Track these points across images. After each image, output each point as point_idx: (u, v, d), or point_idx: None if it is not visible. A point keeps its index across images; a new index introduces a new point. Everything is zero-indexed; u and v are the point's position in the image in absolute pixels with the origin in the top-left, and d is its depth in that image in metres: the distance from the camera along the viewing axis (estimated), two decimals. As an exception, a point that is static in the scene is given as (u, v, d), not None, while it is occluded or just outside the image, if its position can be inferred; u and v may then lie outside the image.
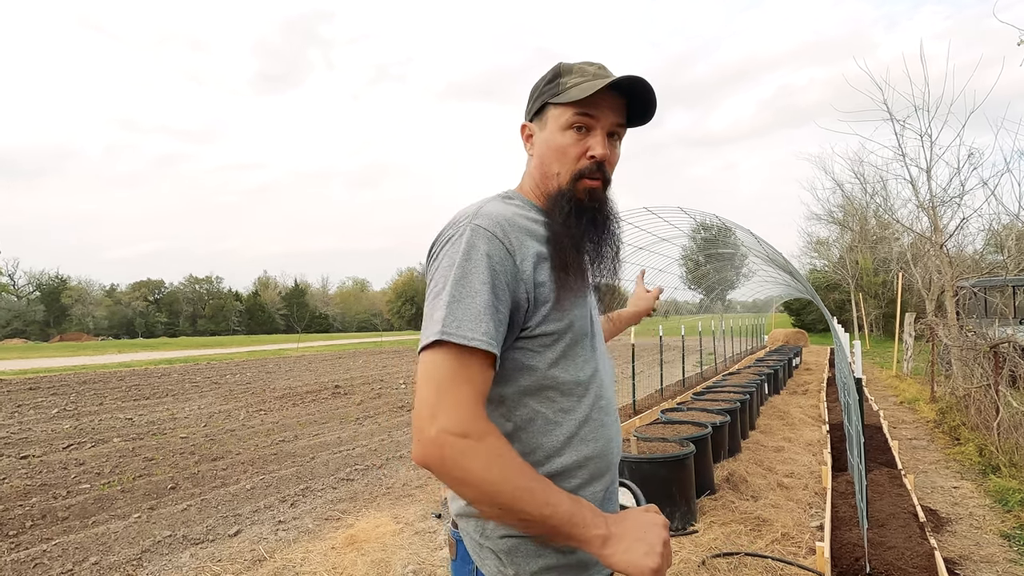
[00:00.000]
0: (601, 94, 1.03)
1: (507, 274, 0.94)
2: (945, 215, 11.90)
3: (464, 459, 0.84)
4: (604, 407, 1.08)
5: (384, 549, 3.59)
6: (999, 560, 3.38)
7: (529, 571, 1.01)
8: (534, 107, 1.11)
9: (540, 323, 0.98)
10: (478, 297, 0.91)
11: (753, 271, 17.63)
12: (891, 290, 24.85)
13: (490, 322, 0.90)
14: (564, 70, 1.08)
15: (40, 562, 3.59)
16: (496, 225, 0.97)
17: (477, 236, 0.95)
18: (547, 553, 1.00)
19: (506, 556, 1.02)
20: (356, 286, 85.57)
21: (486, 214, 0.98)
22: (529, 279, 0.97)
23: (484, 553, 1.03)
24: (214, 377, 13.90)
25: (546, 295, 0.98)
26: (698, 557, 3.34)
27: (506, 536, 1.01)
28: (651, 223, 8.68)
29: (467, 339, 0.88)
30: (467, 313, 0.90)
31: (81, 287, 65.97)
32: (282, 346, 29.41)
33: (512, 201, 1.09)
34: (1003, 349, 6.05)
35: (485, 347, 0.89)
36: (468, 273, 0.92)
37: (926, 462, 5.55)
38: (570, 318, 1.01)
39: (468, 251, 0.94)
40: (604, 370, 1.11)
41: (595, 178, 1.06)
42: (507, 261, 0.95)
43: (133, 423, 8.07)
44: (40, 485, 5.17)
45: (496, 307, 0.92)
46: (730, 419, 5.35)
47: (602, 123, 1.05)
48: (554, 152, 1.06)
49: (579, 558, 1.02)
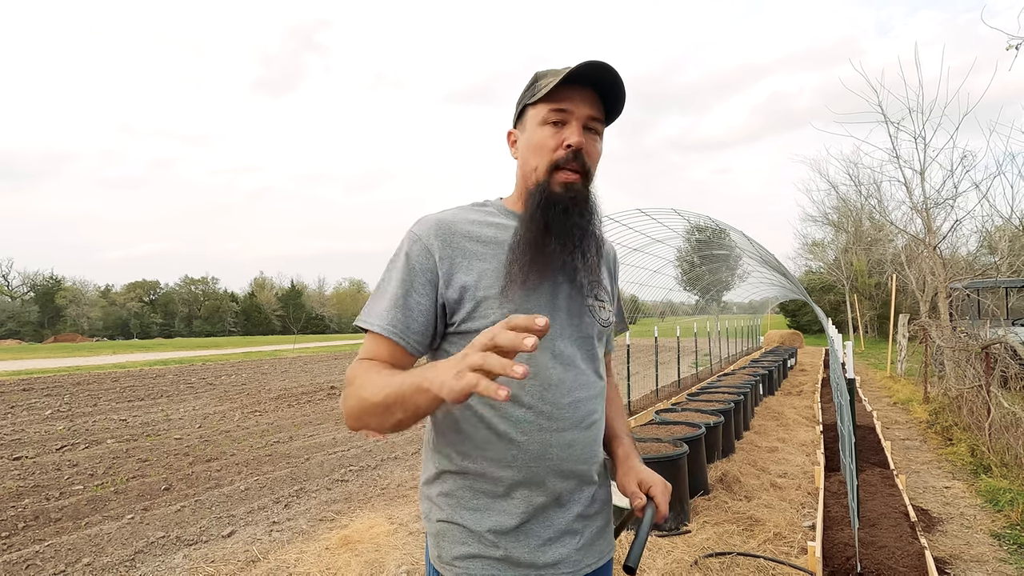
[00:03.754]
0: (572, 88, 1.05)
1: (426, 272, 1.05)
2: (939, 217, 11.98)
3: (342, 402, 0.99)
4: (546, 412, 1.04)
5: (378, 550, 3.60)
6: (989, 559, 3.41)
7: (451, 555, 1.06)
8: (516, 113, 1.16)
9: (464, 320, 1.05)
10: (388, 292, 1.05)
11: (748, 273, 17.72)
12: (885, 291, 24.97)
13: (394, 312, 1.03)
14: (540, 75, 1.12)
15: (33, 563, 3.58)
16: (425, 229, 1.07)
17: (405, 240, 1.08)
18: (470, 542, 1.05)
19: (435, 539, 1.09)
20: (352, 287, 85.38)
21: (424, 220, 1.10)
22: (447, 277, 1.04)
23: (428, 535, 1.11)
24: (209, 378, 13.86)
25: (471, 293, 1.04)
26: (691, 557, 3.35)
27: (439, 520, 1.08)
28: (645, 224, 8.71)
29: (370, 324, 1.04)
30: (378, 305, 1.05)
31: (76, 288, 65.61)
32: (278, 347, 29.32)
33: (481, 208, 1.15)
34: (994, 350, 6.09)
35: (380, 331, 1.02)
36: (389, 271, 1.08)
37: (918, 462, 5.58)
38: (497, 316, 1.02)
39: (396, 253, 1.09)
40: (554, 372, 1.06)
41: (572, 169, 1.07)
42: (426, 260, 1.05)
43: (127, 424, 8.04)
44: (33, 486, 5.15)
45: (406, 300, 1.03)
46: (724, 420, 5.37)
47: (576, 115, 1.07)
48: (532, 148, 1.09)
49: (506, 553, 1.04)
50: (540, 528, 1.06)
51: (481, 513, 1.05)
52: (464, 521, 1.05)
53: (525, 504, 1.05)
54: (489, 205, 1.16)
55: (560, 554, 1.07)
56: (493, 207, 1.16)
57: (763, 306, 28.48)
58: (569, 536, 1.08)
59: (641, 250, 10.09)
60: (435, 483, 1.11)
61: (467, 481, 1.06)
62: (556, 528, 1.07)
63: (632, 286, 11.91)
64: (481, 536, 1.04)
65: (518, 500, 1.05)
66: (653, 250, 10.61)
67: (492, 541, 1.04)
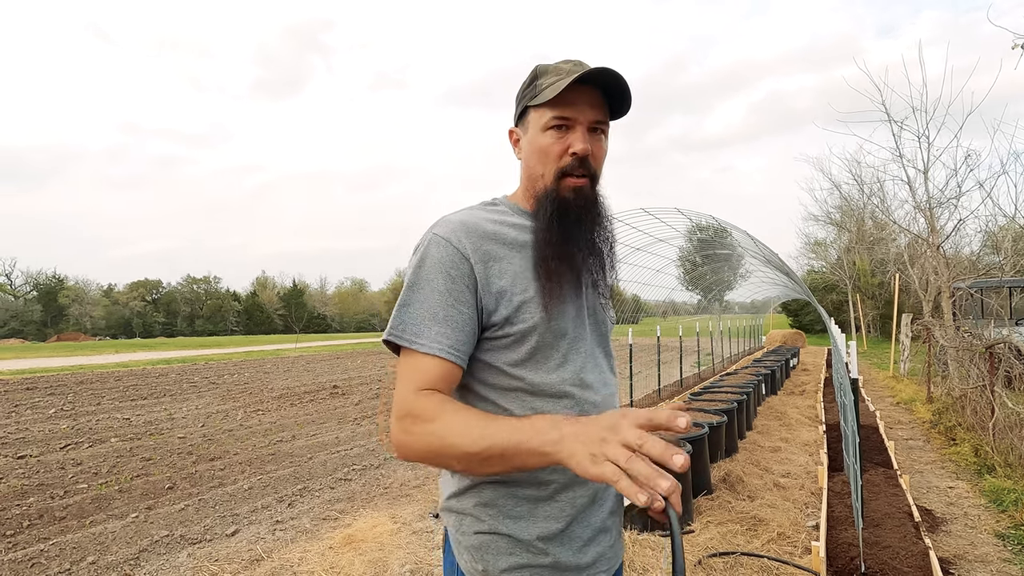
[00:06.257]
0: (576, 90, 1.02)
1: (464, 277, 0.99)
2: (942, 216, 11.95)
3: (406, 437, 0.92)
4: (586, 411, 1.05)
5: (381, 549, 3.60)
6: (993, 560, 3.40)
7: (499, 568, 1.02)
8: (517, 112, 1.13)
9: (502, 324, 1.01)
10: (429, 304, 0.98)
11: (751, 272, 17.68)
12: (888, 291, 24.91)
13: (436, 325, 0.97)
14: (540, 71, 1.07)
15: (37, 562, 3.59)
16: (452, 232, 1.02)
17: (432, 244, 1.01)
18: (518, 551, 1.02)
19: (476, 552, 1.04)
20: (354, 286, 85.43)
21: (446, 222, 1.04)
22: (484, 281, 1.00)
23: (460, 549, 1.06)
24: (212, 377, 13.88)
25: (508, 297, 1.01)
26: (695, 557, 3.35)
27: (478, 533, 1.04)
28: (648, 224, 8.70)
29: (409, 342, 0.96)
30: (412, 317, 0.98)
31: (78, 287, 65.78)
32: (280, 346, 29.36)
33: (494, 207, 1.12)
34: (998, 350, 6.08)
35: (424, 350, 0.95)
36: (419, 279, 1.00)
37: (922, 462, 5.57)
38: (537, 319, 1.01)
39: (422, 259, 1.01)
40: (594, 375, 1.09)
41: (579, 175, 1.05)
42: (462, 265, 0.99)
43: (131, 423, 8.06)
44: (37, 485, 5.17)
45: (445, 310, 0.97)
46: (727, 419, 5.37)
47: (581, 119, 1.04)
48: (537, 154, 1.07)
49: (555, 559, 1.02)
50: (580, 529, 1.05)
51: (526, 520, 1.02)
52: (510, 530, 1.02)
53: (570, 506, 1.04)
54: (500, 204, 1.14)
55: (598, 552, 1.07)
56: (505, 207, 1.13)
57: (765, 306, 28.40)
58: (603, 534, 1.09)
59: (644, 249, 10.08)
60: (468, 494, 1.06)
61: (509, 489, 1.03)
62: (593, 527, 1.07)
63: (635, 286, 11.90)
64: (530, 544, 1.02)
65: (563, 502, 1.03)
66: (656, 249, 10.60)
67: (541, 548, 1.02)
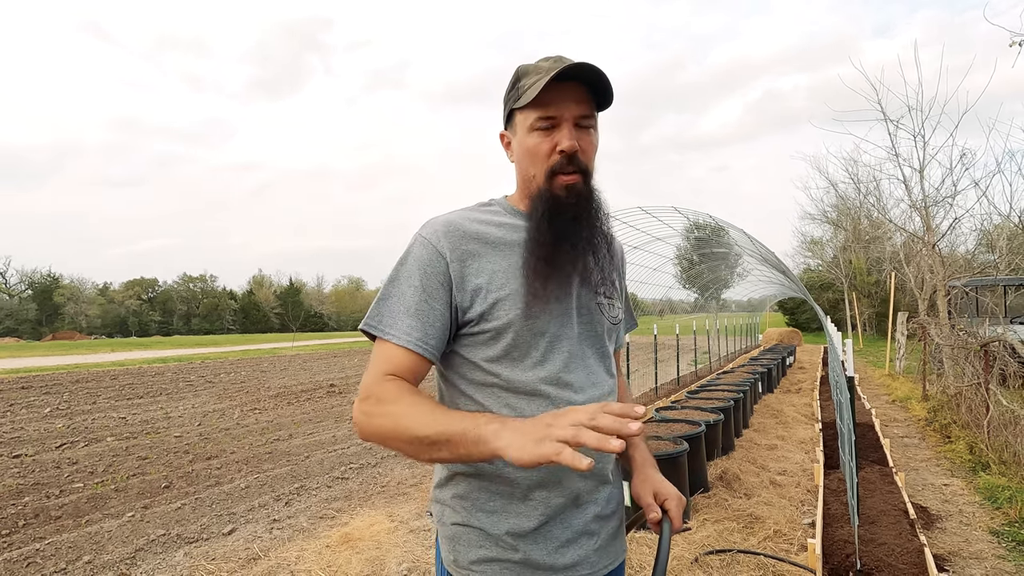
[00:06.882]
0: (558, 88, 1.01)
1: (439, 275, 1.03)
2: (937, 215, 12.00)
3: (364, 417, 0.96)
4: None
5: (379, 547, 3.60)
6: (987, 556, 3.42)
7: (467, 560, 1.04)
8: (504, 116, 1.14)
9: (477, 320, 1.03)
10: (402, 298, 1.02)
11: (747, 270, 17.71)
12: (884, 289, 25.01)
13: (412, 320, 1.01)
14: (522, 72, 1.08)
15: (33, 561, 3.58)
16: (433, 232, 1.06)
17: (415, 244, 1.06)
18: (488, 545, 1.04)
19: (450, 543, 1.07)
20: (351, 285, 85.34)
21: (431, 223, 1.08)
22: (459, 279, 1.03)
23: (441, 539, 1.09)
24: (208, 376, 13.85)
25: (483, 294, 1.03)
26: (691, 554, 3.36)
27: (454, 524, 1.07)
28: (645, 222, 8.72)
29: (388, 335, 1.01)
30: (388, 310, 1.03)
31: (74, 285, 65.56)
32: (277, 345, 29.31)
33: (487, 208, 1.14)
34: (993, 348, 6.11)
35: (401, 343, 1.00)
36: (399, 276, 1.05)
37: (917, 460, 5.60)
38: (512, 316, 1.02)
39: (404, 257, 1.06)
40: (579, 375, 1.07)
41: (570, 172, 1.05)
42: (438, 263, 1.03)
43: (127, 422, 8.04)
44: (33, 484, 5.15)
45: (422, 307, 1.01)
46: (724, 417, 5.38)
47: (566, 115, 1.04)
48: (527, 155, 1.07)
49: (525, 556, 1.03)
50: (558, 530, 1.04)
51: (498, 515, 1.03)
52: (481, 524, 1.04)
53: (544, 505, 1.03)
54: (495, 204, 1.15)
55: (578, 555, 1.06)
56: (499, 206, 1.14)
57: (762, 304, 28.47)
58: (586, 537, 1.07)
59: (641, 248, 10.10)
60: (448, 486, 1.09)
61: (482, 483, 1.04)
62: (574, 529, 1.06)
63: (633, 284, 11.92)
64: (499, 539, 1.03)
65: (536, 501, 1.03)
66: (653, 248, 10.61)
67: (511, 544, 1.02)
